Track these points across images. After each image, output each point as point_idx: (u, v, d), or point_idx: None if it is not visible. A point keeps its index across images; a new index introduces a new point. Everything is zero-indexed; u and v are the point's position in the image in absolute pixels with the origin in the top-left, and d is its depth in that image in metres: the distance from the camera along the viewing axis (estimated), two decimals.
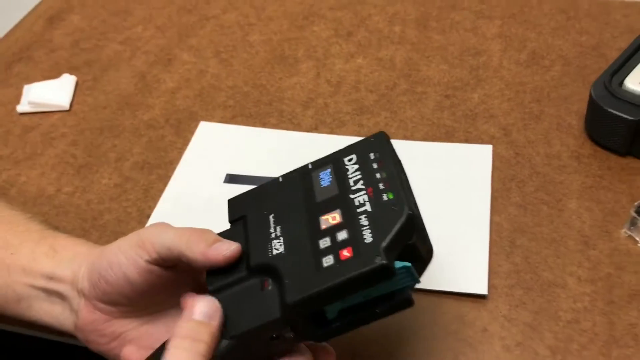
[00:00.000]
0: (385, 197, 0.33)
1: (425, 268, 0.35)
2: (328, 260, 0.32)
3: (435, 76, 0.64)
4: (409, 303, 0.33)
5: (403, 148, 0.55)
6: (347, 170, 0.36)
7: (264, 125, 0.61)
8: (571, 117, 0.58)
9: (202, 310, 0.34)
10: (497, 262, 0.47)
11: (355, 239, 0.32)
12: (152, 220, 0.53)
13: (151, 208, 0.54)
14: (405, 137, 0.58)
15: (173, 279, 0.37)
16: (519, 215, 0.50)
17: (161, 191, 0.55)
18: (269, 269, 0.34)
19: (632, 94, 0.53)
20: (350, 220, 0.33)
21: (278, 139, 0.59)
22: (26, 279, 0.41)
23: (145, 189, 0.56)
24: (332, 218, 0.34)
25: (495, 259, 0.48)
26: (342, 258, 0.32)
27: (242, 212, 0.38)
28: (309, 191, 0.36)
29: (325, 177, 0.37)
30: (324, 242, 0.33)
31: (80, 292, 0.39)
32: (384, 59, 0.66)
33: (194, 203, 0.54)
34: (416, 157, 0.55)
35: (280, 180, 0.39)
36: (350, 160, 0.37)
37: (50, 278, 0.41)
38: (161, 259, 0.36)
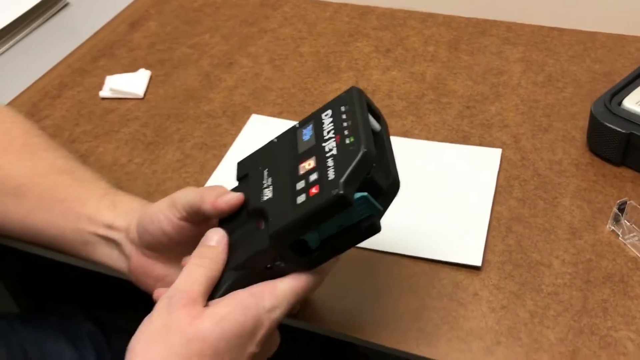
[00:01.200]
0: (347, 141, 0.40)
1: (390, 199, 0.41)
2: (301, 198, 0.39)
3: (459, 90, 0.72)
4: (374, 229, 0.40)
5: (424, 147, 0.65)
6: (324, 123, 0.43)
7: None
8: (576, 131, 0.66)
9: (212, 237, 0.43)
10: (493, 243, 0.55)
11: (322, 179, 0.39)
12: None
13: (205, 180, 0.64)
14: (427, 138, 0.66)
15: (197, 233, 0.46)
16: (517, 207, 0.58)
17: (214, 167, 0.65)
18: (261, 212, 0.42)
19: (628, 112, 0.60)
20: (320, 164, 0.40)
21: None
22: (91, 227, 0.51)
23: (201, 164, 0.66)
24: (307, 164, 0.41)
25: (492, 240, 0.56)
26: (311, 195, 0.39)
27: (245, 171, 0.47)
28: (294, 145, 0.44)
29: (307, 132, 0.44)
30: (300, 185, 0.40)
31: (132, 241, 0.49)
32: (416, 73, 0.76)
33: None
34: (435, 154, 0.64)
35: (275, 140, 0.46)
36: (326, 115, 0.43)
37: (110, 227, 0.50)
38: (188, 215, 0.45)
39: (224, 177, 0.64)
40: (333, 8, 0.88)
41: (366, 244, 0.46)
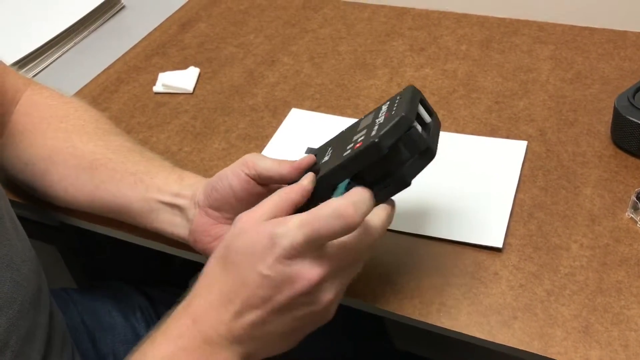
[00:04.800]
0: (393, 113, 0.48)
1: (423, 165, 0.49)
2: (347, 153, 0.48)
3: (489, 86, 0.76)
4: (430, 154, 0.49)
5: (453, 139, 0.69)
6: (381, 110, 0.51)
7: (342, 114, 0.75)
8: (601, 125, 0.68)
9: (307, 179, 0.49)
10: (515, 227, 0.59)
11: (366, 137, 0.48)
12: None
13: None
14: (456, 131, 0.70)
15: (263, 194, 0.51)
16: (540, 195, 0.61)
17: None
18: (317, 171, 0.50)
19: None
20: (369, 128, 0.48)
21: None
22: (158, 196, 0.58)
23: (245, 153, 0.71)
24: (360, 135, 0.49)
25: (514, 225, 0.59)
26: (355, 148, 0.48)
27: (314, 152, 0.54)
28: (356, 127, 0.52)
29: (368, 118, 0.51)
30: (349, 146, 0.49)
31: (197, 204, 0.55)
32: (448, 71, 0.79)
33: None
34: (463, 146, 0.68)
35: (343, 130, 0.54)
36: (385, 104, 0.51)
37: (176, 195, 0.57)
38: (258, 176, 0.51)
39: None
40: (371, 9, 0.93)
41: (397, 227, 0.49)
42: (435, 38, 0.85)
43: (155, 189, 0.58)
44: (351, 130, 0.52)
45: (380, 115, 0.49)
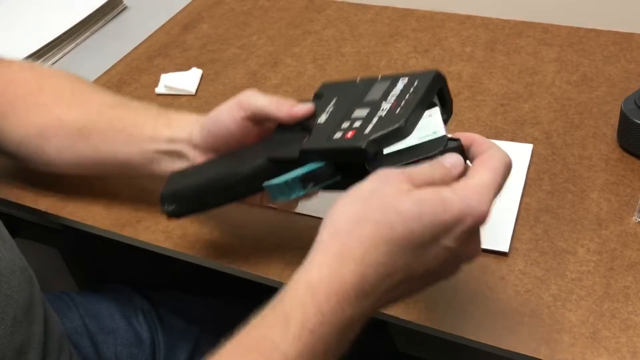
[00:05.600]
0: (398, 111, 0.44)
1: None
2: (337, 135, 0.46)
3: (494, 88, 0.75)
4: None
5: None
6: (395, 87, 0.47)
7: None
8: (607, 129, 0.68)
9: (454, 161, 0.42)
10: (521, 232, 0.58)
11: (360, 129, 0.44)
12: None
13: None
14: None
15: (257, 133, 0.53)
16: (546, 199, 0.61)
17: None
18: (310, 130, 0.49)
19: None
20: (368, 118, 0.45)
21: None
22: (153, 146, 0.58)
23: None
24: (361, 113, 0.46)
25: (520, 229, 0.58)
26: (345, 137, 0.45)
27: (323, 92, 0.53)
28: (365, 93, 0.49)
29: (380, 88, 0.48)
30: (345, 125, 0.46)
31: (195, 146, 0.55)
32: (453, 72, 0.79)
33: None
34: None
35: (357, 81, 0.52)
36: (402, 81, 0.47)
37: (171, 141, 0.57)
38: (253, 115, 0.52)
39: None
40: (374, 11, 0.92)
41: None
42: (439, 40, 0.85)
43: (147, 140, 0.58)
44: (360, 95, 0.49)
45: (389, 96, 0.46)
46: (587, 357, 0.48)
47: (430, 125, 0.44)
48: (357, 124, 0.45)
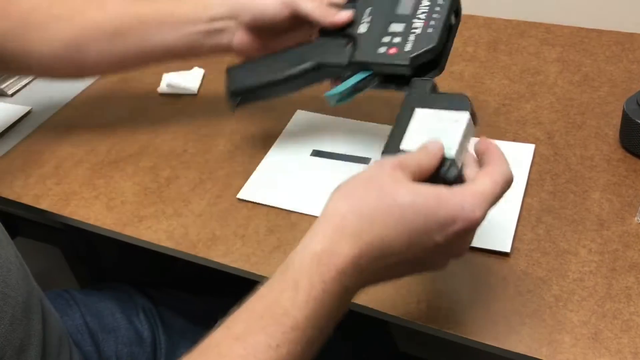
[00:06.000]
0: (429, 30, 0.56)
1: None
2: (382, 49, 0.57)
3: (496, 88, 0.75)
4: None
5: None
6: (421, 3, 0.58)
7: (347, 116, 0.74)
8: (609, 129, 0.68)
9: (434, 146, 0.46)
10: (522, 232, 0.58)
11: (401, 46, 0.56)
12: (254, 177, 0.67)
13: (253, 169, 0.69)
14: None
15: (292, 26, 0.62)
16: (548, 199, 0.61)
17: (262, 158, 0.70)
18: (354, 39, 0.59)
19: None
20: (405, 34, 0.56)
21: (357, 127, 0.73)
22: (195, 28, 0.64)
23: (250, 155, 0.71)
24: (397, 27, 0.57)
25: (522, 229, 0.58)
26: (389, 52, 0.56)
27: (353, 6, 0.61)
28: (395, 5, 0.59)
29: (408, 3, 0.58)
30: (386, 39, 0.57)
31: (238, 23, 0.63)
32: (455, 72, 0.79)
33: (287, 167, 0.68)
34: (470, 149, 0.67)
35: None
36: (425, 2, 0.58)
37: (212, 20, 0.63)
38: (296, 17, 0.60)
39: (271, 167, 0.69)
40: None
41: None
42: None
43: (189, 24, 0.64)
44: (391, 7, 0.59)
45: (418, 12, 0.57)
46: (589, 358, 0.48)
47: (449, 134, 0.46)
48: (396, 40, 0.57)
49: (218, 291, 0.78)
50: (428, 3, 0.57)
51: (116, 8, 0.66)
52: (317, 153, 0.70)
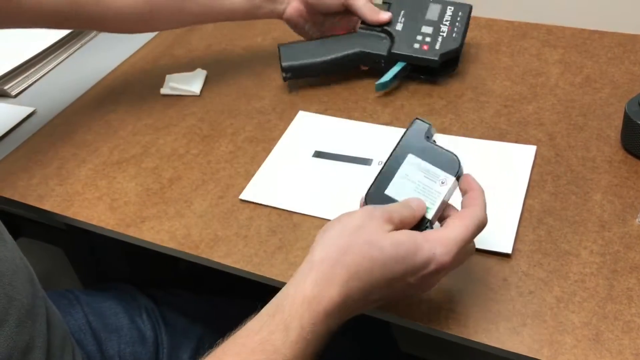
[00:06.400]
0: (453, 35, 0.75)
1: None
2: (416, 45, 0.75)
3: (498, 90, 0.75)
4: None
5: (462, 143, 0.68)
6: (446, 12, 0.76)
7: (349, 117, 0.75)
8: (610, 130, 0.68)
9: (416, 203, 0.50)
10: (524, 233, 0.58)
11: (432, 43, 0.74)
12: (256, 178, 0.68)
13: (255, 170, 0.69)
14: (464, 135, 0.70)
15: (339, 14, 0.78)
16: (549, 200, 0.61)
17: (264, 159, 0.70)
18: (391, 35, 0.76)
19: None
20: (434, 35, 0.75)
21: (359, 128, 0.73)
22: None
23: (252, 156, 0.71)
24: (427, 30, 0.75)
25: (523, 231, 0.58)
26: (422, 48, 0.74)
27: (389, 1, 0.79)
28: (424, 11, 0.77)
29: (435, 9, 0.76)
30: (419, 37, 0.75)
31: None
32: (457, 73, 0.79)
33: (289, 167, 0.68)
34: (471, 150, 0.67)
35: None
36: (450, 8, 0.76)
37: None
38: (348, 8, 0.76)
39: (273, 168, 0.69)
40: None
41: None
42: None
43: None
44: (421, 12, 0.76)
45: (444, 21, 0.75)
46: (590, 359, 0.48)
47: (433, 194, 0.50)
48: (427, 39, 0.75)
49: (220, 291, 0.79)
50: (451, 13, 0.75)
51: None
52: (319, 154, 0.70)
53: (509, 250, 0.56)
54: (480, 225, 0.48)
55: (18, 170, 0.74)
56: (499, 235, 0.58)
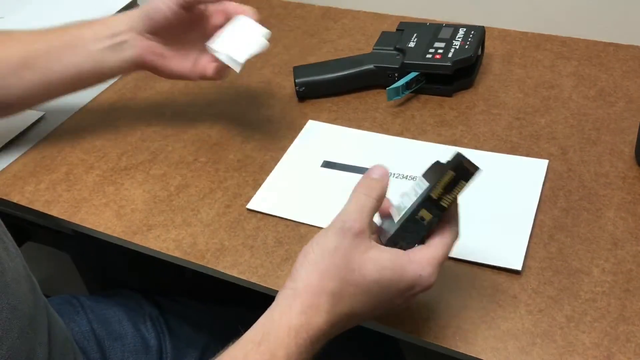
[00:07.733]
0: (467, 47, 0.75)
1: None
2: (428, 56, 0.75)
3: (510, 102, 0.75)
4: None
5: (472, 155, 0.67)
6: (457, 33, 0.78)
7: (359, 127, 0.74)
8: (624, 145, 0.67)
9: (376, 171, 0.50)
10: (534, 250, 0.57)
11: (445, 53, 0.75)
12: (264, 187, 0.67)
13: (263, 179, 0.68)
14: (476, 148, 0.69)
15: (191, 25, 0.66)
16: (561, 216, 0.60)
17: (272, 168, 0.70)
18: (404, 52, 0.77)
19: None
20: (447, 48, 0.76)
21: (369, 139, 0.72)
22: (98, 45, 0.66)
23: (260, 165, 0.71)
24: (439, 44, 0.76)
25: (534, 247, 0.57)
26: (435, 57, 0.75)
27: (402, 27, 0.82)
28: (437, 33, 0.79)
29: (447, 31, 0.78)
30: (431, 50, 0.76)
31: (137, 32, 0.66)
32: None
33: (297, 177, 0.68)
34: (482, 163, 0.66)
35: (427, 24, 0.81)
36: (462, 30, 0.78)
37: (113, 35, 0.66)
38: (185, 3, 0.63)
39: (281, 178, 0.68)
40: (391, 21, 0.92)
41: None
42: None
43: (91, 43, 0.66)
44: (433, 34, 0.79)
45: (457, 37, 0.77)
46: None
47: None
48: (440, 50, 0.75)
49: (225, 300, 0.78)
50: (463, 33, 0.77)
51: (21, 42, 0.69)
52: (328, 164, 0.69)
53: (519, 266, 0.55)
54: (456, 239, 0.49)
55: (26, 175, 0.73)
56: (508, 251, 0.57)
